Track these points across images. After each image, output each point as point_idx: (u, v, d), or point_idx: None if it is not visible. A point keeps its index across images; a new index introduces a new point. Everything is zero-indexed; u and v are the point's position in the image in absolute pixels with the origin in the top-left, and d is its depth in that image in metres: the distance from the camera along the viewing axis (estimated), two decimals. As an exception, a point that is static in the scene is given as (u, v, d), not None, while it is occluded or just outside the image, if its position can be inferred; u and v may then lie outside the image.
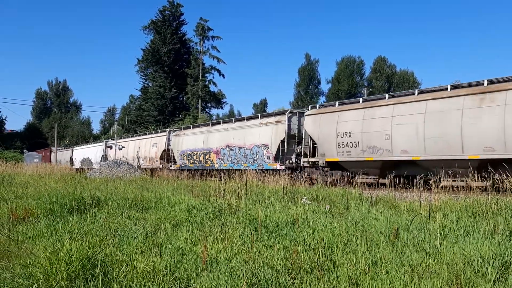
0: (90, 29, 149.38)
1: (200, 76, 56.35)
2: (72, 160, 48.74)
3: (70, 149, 53.21)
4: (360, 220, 6.94)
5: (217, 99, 58.66)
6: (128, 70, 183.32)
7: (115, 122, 60.31)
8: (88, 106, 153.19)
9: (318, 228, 6.26)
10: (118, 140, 38.88)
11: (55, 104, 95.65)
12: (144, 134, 35.73)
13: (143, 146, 33.04)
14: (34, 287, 3.70)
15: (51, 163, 41.69)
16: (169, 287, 3.87)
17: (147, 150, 32.08)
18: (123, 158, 32.33)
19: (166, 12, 58.04)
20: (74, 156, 48.87)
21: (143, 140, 33.55)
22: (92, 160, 42.08)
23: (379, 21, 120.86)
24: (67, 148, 56.90)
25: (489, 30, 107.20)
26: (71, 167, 36.80)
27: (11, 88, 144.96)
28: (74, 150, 50.19)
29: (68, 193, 9.93)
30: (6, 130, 70.41)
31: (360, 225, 6.50)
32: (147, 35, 60.50)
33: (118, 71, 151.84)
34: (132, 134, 41.37)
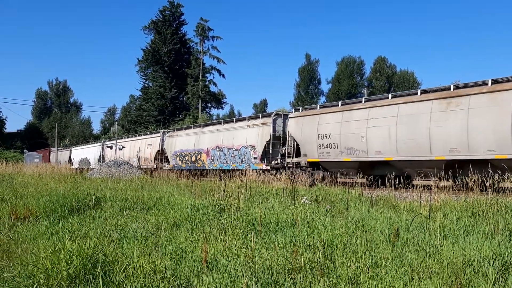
0: (91, 29, 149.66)
1: (200, 76, 56.35)
2: (70, 160, 49.42)
3: (68, 149, 53.98)
4: (360, 220, 6.95)
5: (217, 99, 58.65)
6: (129, 70, 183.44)
7: (116, 122, 60.29)
8: (88, 106, 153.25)
9: (319, 228, 6.26)
10: (115, 141, 39.53)
11: (56, 104, 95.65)
12: (139, 135, 36.39)
13: (138, 146, 33.67)
14: (35, 287, 3.70)
15: (50, 163, 42.21)
16: (169, 287, 3.88)
17: (142, 151, 32.73)
18: (119, 158, 32.72)
19: (167, 12, 58.04)
20: (72, 156, 49.59)
21: (138, 141, 34.21)
22: (90, 160, 42.70)
23: (379, 21, 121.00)
24: (65, 148, 57.55)
25: (489, 30, 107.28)
26: (70, 167, 37.09)
27: (12, 88, 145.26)
28: (73, 151, 50.92)
29: (68, 193, 9.93)
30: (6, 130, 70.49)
31: (360, 225, 6.50)
32: (148, 35, 60.54)
33: (119, 71, 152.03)
34: (132, 135, 41.74)
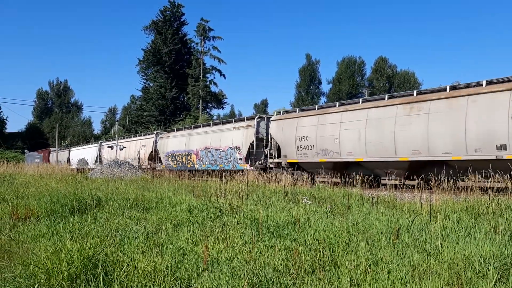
0: (91, 29, 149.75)
1: (201, 76, 56.36)
2: (69, 160, 50.46)
3: (67, 150, 55.12)
4: (361, 220, 6.95)
5: (218, 100, 58.65)
6: (129, 71, 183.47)
7: (116, 122, 60.32)
8: (89, 106, 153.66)
9: (319, 228, 6.26)
10: (111, 142, 40.71)
11: (56, 104, 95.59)
12: (134, 136, 37.56)
13: (133, 147, 34.66)
14: (36, 287, 3.71)
15: (49, 163, 43.04)
16: (170, 287, 3.88)
17: (137, 151, 33.74)
18: (115, 159, 33.51)
19: (167, 12, 58.06)
20: (71, 157, 50.67)
21: (133, 142, 35.32)
22: (87, 160, 43.75)
23: (380, 21, 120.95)
24: (64, 149, 58.61)
25: (489, 30, 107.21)
26: (69, 167, 37.64)
27: (12, 88, 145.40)
28: (71, 151, 52.12)
29: (69, 193, 9.93)
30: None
31: (361, 225, 6.50)
32: (148, 35, 60.60)
33: (119, 72, 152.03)
34: (130, 135, 42.34)
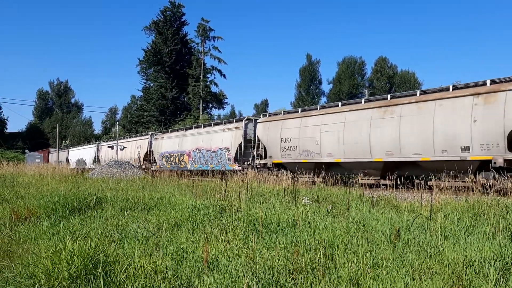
0: (91, 29, 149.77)
1: (201, 76, 56.35)
2: (68, 160, 51.27)
3: (66, 150, 56.13)
4: (361, 220, 6.95)
5: (218, 100, 58.63)
6: (130, 71, 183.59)
7: (117, 123, 60.35)
8: (89, 107, 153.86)
9: (319, 228, 6.26)
10: (109, 142, 41.57)
11: (57, 104, 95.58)
12: (130, 137, 38.36)
13: (129, 147, 35.36)
14: (36, 287, 3.71)
15: (48, 163, 43.66)
16: (170, 287, 3.88)
17: (133, 152, 34.45)
18: (112, 159, 34.20)
19: (168, 12, 58.04)
20: (69, 157, 51.51)
21: (129, 142, 36.11)
22: (85, 160, 44.63)
23: (380, 21, 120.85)
24: (63, 149, 59.43)
25: (490, 30, 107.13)
26: (69, 167, 38.13)
27: (13, 88, 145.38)
28: (70, 151, 53.14)
29: (69, 193, 9.93)
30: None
31: (361, 225, 6.50)
32: (149, 35, 60.56)
33: (120, 72, 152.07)
34: (128, 136, 42.69)
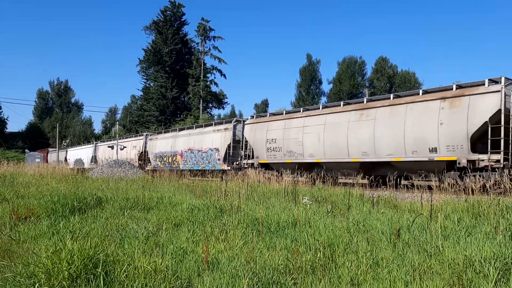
0: (92, 29, 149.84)
1: (201, 76, 56.35)
2: (66, 160, 52.20)
3: (64, 150, 57.02)
4: (362, 220, 6.94)
5: (218, 100, 58.65)
6: (130, 70, 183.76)
7: (117, 122, 60.33)
8: (89, 106, 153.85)
9: (320, 228, 6.25)
10: (106, 142, 42.32)
11: (57, 104, 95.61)
12: (126, 138, 39.18)
13: (126, 148, 35.97)
14: (36, 286, 3.71)
15: (48, 163, 44.44)
16: (170, 287, 3.87)
17: (128, 152, 35.16)
18: (109, 159, 34.75)
19: (168, 12, 58.05)
20: (68, 157, 52.34)
21: (125, 143, 36.79)
22: (83, 160, 45.50)
23: (380, 21, 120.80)
24: (62, 149, 59.98)
25: (491, 29, 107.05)
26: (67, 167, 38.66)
27: (13, 88, 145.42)
28: (68, 151, 54.06)
29: (69, 193, 9.92)
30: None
31: (361, 225, 6.49)
32: (149, 35, 60.63)
33: (120, 71, 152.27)
34: (126, 136, 43.11)
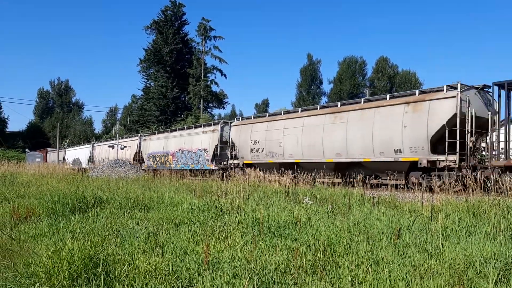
0: (92, 28, 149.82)
1: (202, 76, 56.38)
2: (64, 159, 52.85)
3: (63, 150, 57.72)
4: (362, 220, 6.93)
5: (219, 99, 58.68)
6: (130, 70, 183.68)
7: (117, 122, 60.35)
8: (90, 106, 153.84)
9: (320, 228, 6.25)
10: (102, 143, 43.23)
11: (57, 103, 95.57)
12: (122, 138, 40.39)
13: (125, 147, 36.76)
14: (37, 286, 3.71)
15: (47, 163, 44.75)
16: (171, 286, 3.87)
17: (124, 152, 36.09)
18: (106, 159, 35.73)
19: (168, 12, 58.07)
20: (66, 157, 53.06)
21: (121, 143, 37.66)
22: (81, 160, 46.34)
23: (381, 21, 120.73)
24: (60, 149, 60.17)
25: (491, 29, 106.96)
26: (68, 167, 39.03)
27: (13, 88, 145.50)
28: (67, 151, 54.90)
29: (70, 192, 9.93)
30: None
31: (362, 225, 6.49)
32: (149, 35, 60.84)
33: (120, 71, 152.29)
34: (124, 136, 43.45)
